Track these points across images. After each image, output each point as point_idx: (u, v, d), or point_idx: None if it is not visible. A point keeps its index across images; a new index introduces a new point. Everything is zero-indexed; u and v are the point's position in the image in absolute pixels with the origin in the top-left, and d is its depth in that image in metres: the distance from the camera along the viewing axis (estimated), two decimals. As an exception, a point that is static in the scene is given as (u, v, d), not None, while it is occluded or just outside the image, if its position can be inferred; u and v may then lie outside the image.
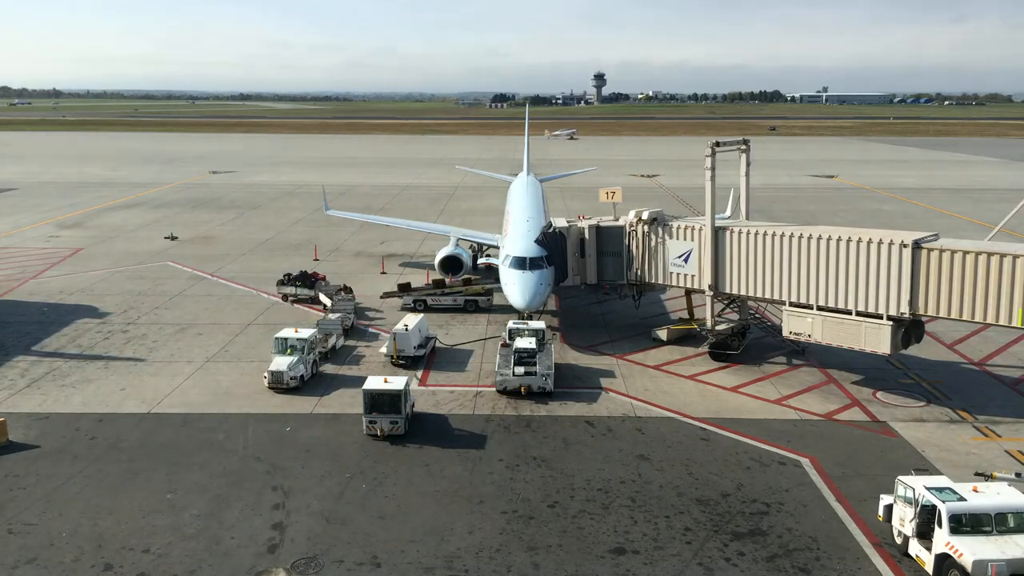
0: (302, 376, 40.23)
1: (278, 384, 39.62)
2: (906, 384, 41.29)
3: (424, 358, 44.46)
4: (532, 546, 26.73)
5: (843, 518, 28.44)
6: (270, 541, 27.02)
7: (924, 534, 25.35)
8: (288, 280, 56.79)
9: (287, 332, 42.43)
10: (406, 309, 53.04)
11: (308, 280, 56.31)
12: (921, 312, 37.07)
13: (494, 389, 39.66)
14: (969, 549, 23.63)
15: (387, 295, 55.93)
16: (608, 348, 46.90)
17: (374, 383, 35.35)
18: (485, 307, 54.02)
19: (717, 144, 44.04)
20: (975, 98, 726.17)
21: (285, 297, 56.23)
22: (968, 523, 24.47)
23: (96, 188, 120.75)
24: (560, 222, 49.26)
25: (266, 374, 40.19)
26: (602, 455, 33.18)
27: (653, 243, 46.33)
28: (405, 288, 55.44)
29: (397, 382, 35.37)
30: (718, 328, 44.79)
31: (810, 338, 40.53)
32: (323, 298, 53.86)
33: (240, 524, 28.04)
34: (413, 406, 36.77)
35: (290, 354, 40.93)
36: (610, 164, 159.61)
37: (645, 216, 46.46)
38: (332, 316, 47.86)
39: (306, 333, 42.25)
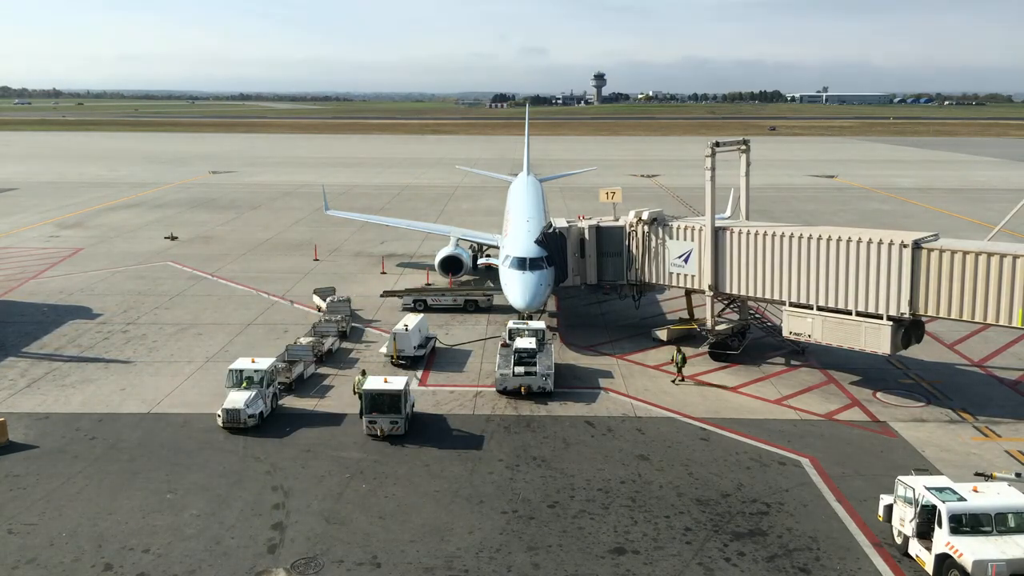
0: (261, 413, 35.72)
1: (234, 423, 35.01)
2: (906, 384, 41.30)
3: (424, 358, 44.46)
4: (532, 546, 26.74)
5: (843, 518, 28.45)
6: (270, 541, 27.02)
7: (924, 534, 25.35)
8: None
9: (243, 363, 37.87)
10: (407, 309, 53.05)
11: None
12: (921, 312, 37.09)
13: (494, 389, 39.67)
14: (969, 549, 23.62)
15: (388, 293, 56.07)
16: (608, 348, 46.90)
17: (374, 383, 35.30)
18: (485, 307, 54.04)
19: (717, 144, 44.05)
20: (975, 98, 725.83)
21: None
22: (968, 523, 24.46)
23: (96, 188, 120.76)
24: (560, 222, 49.25)
25: (219, 412, 35.52)
26: (602, 455, 33.18)
27: (653, 243, 46.33)
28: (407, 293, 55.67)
29: (397, 382, 35.34)
30: (718, 328, 44.80)
31: (810, 338, 40.53)
32: (315, 299, 53.98)
33: (240, 524, 28.04)
34: (413, 406, 36.74)
35: (246, 387, 36.37)
36: (610, 164, 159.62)
37: (645, 216, 46.46)
38: (303, 340, 44.28)
39: (264, 363, 37.50)
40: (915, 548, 25.63)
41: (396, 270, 67.08)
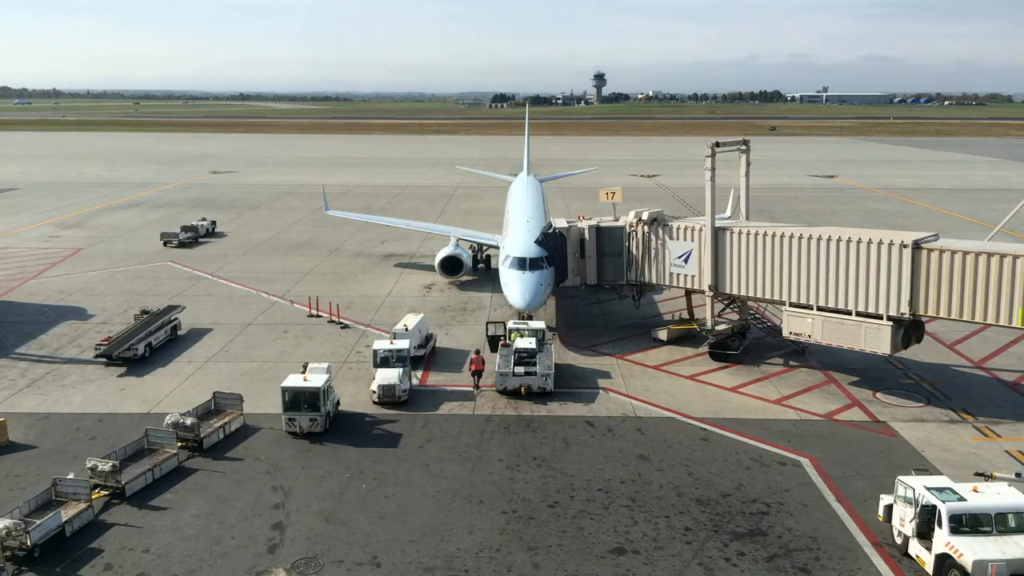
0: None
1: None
2: (906, 384, 41.30)
3: (424, 358, 44.46)
4: (532, 546, 26.74)
5: (843, 518, 28.45)
6: (270, 541, 27.02)
7: (924, 534, 25.36)
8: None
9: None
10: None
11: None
12: (921, 312, 37.09)
13: (494, 389, 39.67)
14: (969, 549, 23.64)
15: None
16: (608, 348, 46.91)
17: (293, 381, 35.29)
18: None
19: (717, 144, 44.06)
20: (975, 98, 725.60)
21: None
22: (968, 523, 24.48)
23: (96, 188, 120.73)
24: (560, 222, 49.25)
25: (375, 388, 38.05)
26: (602, 455, 33.19)
27: (653, 243, 46.34)
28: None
29: (316, 380, 35.30)
30: (718, 328, 44.81)
31: (810, 338, 40.53)
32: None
33: (240, 524, 28.04)
34: (337, 404, 36.86)
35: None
36: (610, 164, 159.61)
37: (645, 216, 46.46)
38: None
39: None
40: (915, 548, 25.63)
41: (396, 270, 67.09)
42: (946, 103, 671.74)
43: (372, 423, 36.42)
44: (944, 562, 24.27)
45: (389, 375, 38.38)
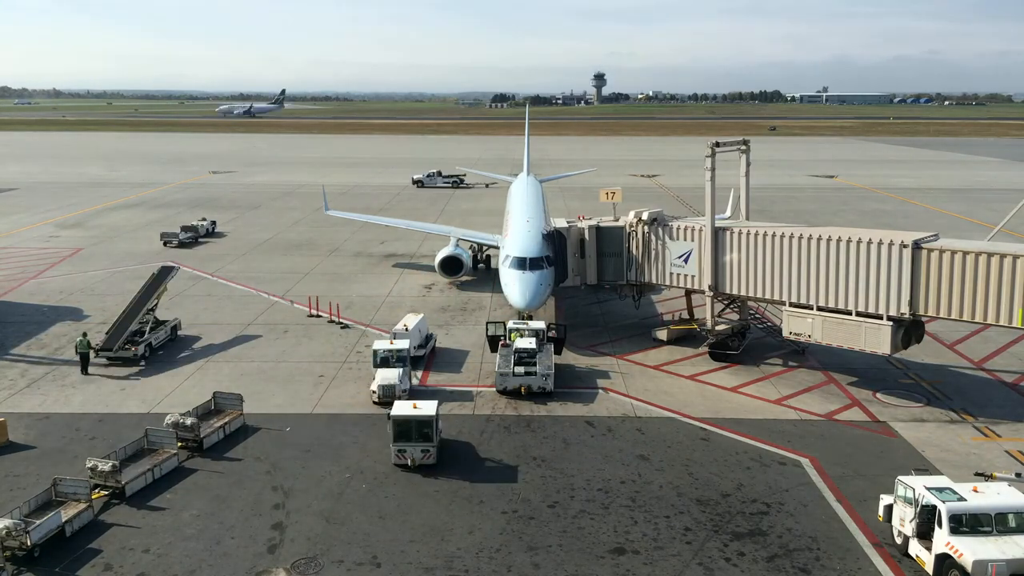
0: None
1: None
2: (906, 384, 41.30)
3: (424, 358, 44.46)
4: (532, 546, 26.75)
5: (843, 518, 28.46)
6: (270, 541, 27.03)
7: (924, 534, 25.36)
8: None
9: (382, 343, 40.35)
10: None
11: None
12: (921, 312, 37.10)
13: (494, 389, 39.68)
14: (969, 549, 23.64)
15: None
16: (608, 348, 46.91)
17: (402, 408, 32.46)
18: None
19: (717, 144, 44.06)
20: (975, 98, 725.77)
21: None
22: (968, 523, 24.48)
23: (96, 188, 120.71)
24: (560, 222, 49.29)
25: (374, 388, 38.15)
26: (602, 455, 33.19)
27: (653, 243, 46.35)
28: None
29: (427, 407, 32.53)
30: (718, 328, 44.81)
31: (810, 338, 40.54)
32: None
33: (240, 524, 28.05)
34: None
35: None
36: (610, 164, 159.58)
37: (645, 216, 46.48)
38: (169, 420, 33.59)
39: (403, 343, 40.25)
40: (915, 548, 25.64)
41: (396, 270, 67.09)
42: (946, 103, 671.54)
43: (374, 424, 36.40)
44: (944, 562, 24.27)
45: (389, 375, 38.40)
